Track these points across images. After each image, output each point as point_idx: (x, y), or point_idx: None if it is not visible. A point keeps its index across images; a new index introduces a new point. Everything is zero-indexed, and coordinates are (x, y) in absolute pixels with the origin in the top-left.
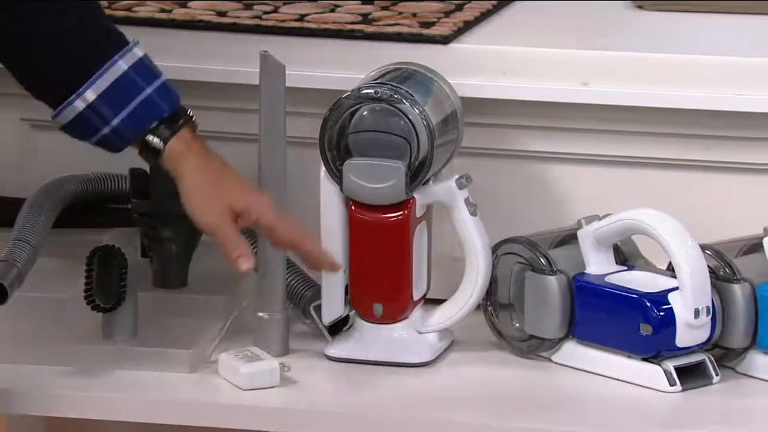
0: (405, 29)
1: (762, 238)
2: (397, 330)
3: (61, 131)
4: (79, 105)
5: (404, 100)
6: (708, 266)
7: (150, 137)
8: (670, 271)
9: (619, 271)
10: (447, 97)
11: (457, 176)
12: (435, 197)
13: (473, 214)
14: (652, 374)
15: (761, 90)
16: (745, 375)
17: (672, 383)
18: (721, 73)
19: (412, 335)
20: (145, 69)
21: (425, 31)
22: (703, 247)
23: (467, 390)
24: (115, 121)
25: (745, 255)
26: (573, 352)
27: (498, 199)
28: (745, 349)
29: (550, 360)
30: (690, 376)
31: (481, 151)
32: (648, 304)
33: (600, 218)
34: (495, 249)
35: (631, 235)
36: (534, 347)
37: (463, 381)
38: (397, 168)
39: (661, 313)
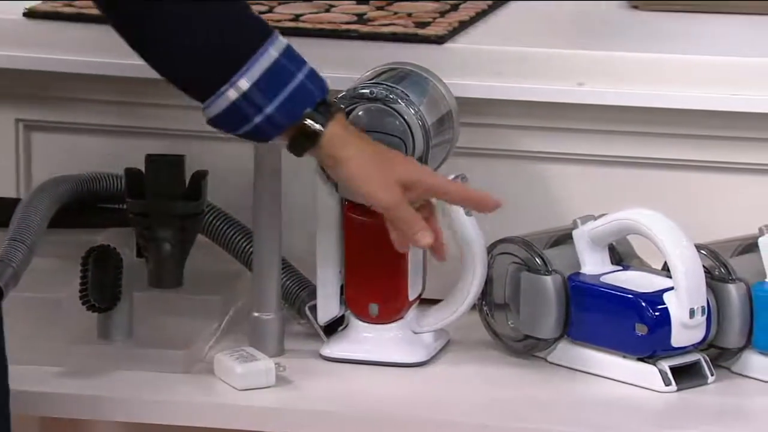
0: (400, 29)
1: (757, 238)
2: (393, 330)
3: (207, 124)
4: (232, 95)
5: (399, 100)
6: (703, 266)
7: (308, 122)
8: (666, 271)
9: (615, 271)
10: (442, 97)
11: (452, 176)
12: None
13: (469, 214)
14: (648, 374)
15: (757, 90)
16: (740, 375)
17: (667, 383)
18: (716, 73)
19: (407, 335)
20: (293, 55)
21: (420, 31)
22: (698, 247)
23: (463, 390)
24: (269, 109)
25: (741, 255)
26: (568, 352)
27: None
28: (741, 349)
29: (545, 360)
30: (685, 376)
31: (476, 151)
32: (643, 304)
33: (595, 218)
34: (490, 249)
35: (627, 235)
36: (529, 347)
37: (459, 381)
38: None
39: (657, 313)
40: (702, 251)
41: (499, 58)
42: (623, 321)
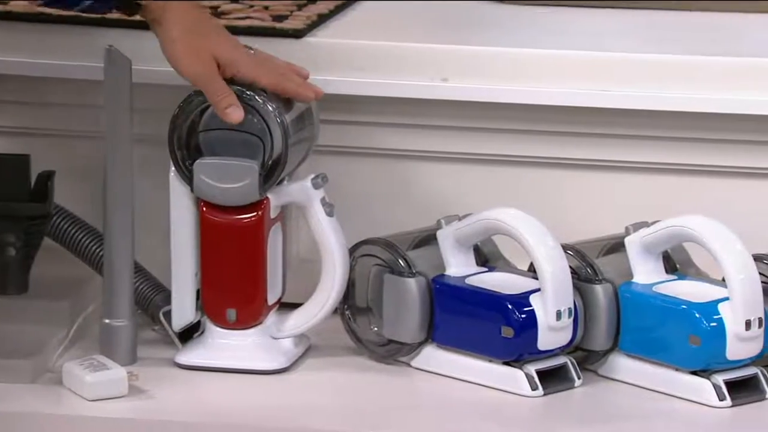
0: (257, 23)
1: (624, 237)
2: (251, 336)
3: (45, 7)
4: None
5: (257, 97)
6: (570, 267)
7: None
8: (532, 272)
9: (480, 273)
10: None
11: (312, 176)
12: (290, 197)
13: (330, 214)
14: (514, 378)
15: (625, 86)
16: (607, 378)
17: (534, 387)
18: (585, 69)
19: (266, 341)
20: None
21: (278, 25)
22: (565, 247)
23: (323, 397)
24: None
25: (607, 255)
26: (433, 356)
27: (355, 199)
28: (607, 352)
29: (409, 365)
30: (552, 379)
31: (337, 149)
32: (509, 306)
33: (460, 218)
34: (352, 251)
35: (492, 235)
36: (393, 352)
37: (319, 388)
38: (250, 167)
39: (523, 316)
40: (568, 251)
41: (360, 52)
42: (489, 324)
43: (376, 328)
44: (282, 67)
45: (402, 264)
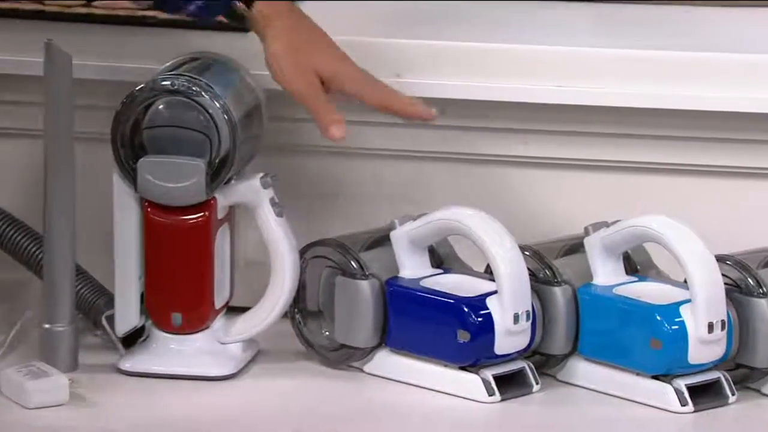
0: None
1: (583, 238)
2: (198, 341)
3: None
4: None
5: (203, 93)
6: (528, 268)
7: (234, 3)
8: (488, 273)
9: (435, 275)
10: (250, 90)
11: (261, 174)
12: (238, 197)
13: (279, 215)
14: (470, 384)
15: (581, 82)
16: (566, 383)
17: (491, 393)
18: (540, 64)
19: (213, 346)
20: None
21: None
22: (523, 248)
23: (272, 404)
24: None
25: (566, 256)
26: (386, 361)
27: (306, 199)
28: (566, 356)
29: (361, 370)
30: (509, 385)
31: (287, 148)
32: (465, 309)
33: (414, 218)
34: (303, 252)
35: (447, 236)
36: (345, 357)
37: (268, 394)
38: (196, 166)
39: (479, 319)
40: (526, 252)
41: None
42: (444, 327)
43: (327, 333)
44: (385, 84)
45: (354, 266)
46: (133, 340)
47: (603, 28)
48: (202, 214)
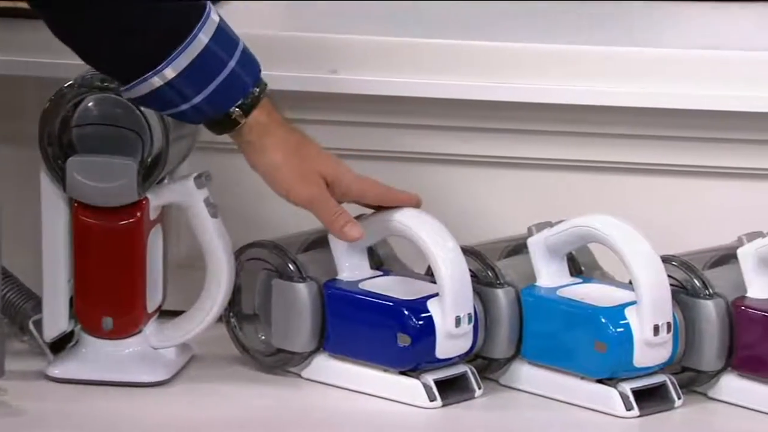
0: None
1: (526, 238)
2: (130, 346)
3: (127, 99)
4: (156, 82)
5: None
6: (470, 270)
7: (232, 109)
8: (429, 275)
9: (375, 277)
10: None
11: (195, 174)
12: (171, 197)
13: (214, 215)
14: (411, 389)
15: (523, 79)
16: (509, 387)
17: (432, 398)
18: (478, 60)
19: (146, 351)
20: (225, 38)
21: None
22: (465, 249)
23: (207, 411)
24: (197, 99)
25: (509, 257)
26: (325, 366)
27: (241, 199)
28: (509, 360)
29: (299, 376)
30: (451, 389)
31: (221, 147)
32: (405, 312)
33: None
34: (238, 254)
35: (388, 236)
36: (282, 362)
37: (203, 401)
38: (127, 165)
39: (420, 322)
40: (468, 254)
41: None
42: (384, 331)
43: (263, 337)
44: (379, 182)
45: (291, 268)
46: (61, 345)
47: (543, 24)
48: (133, 215)
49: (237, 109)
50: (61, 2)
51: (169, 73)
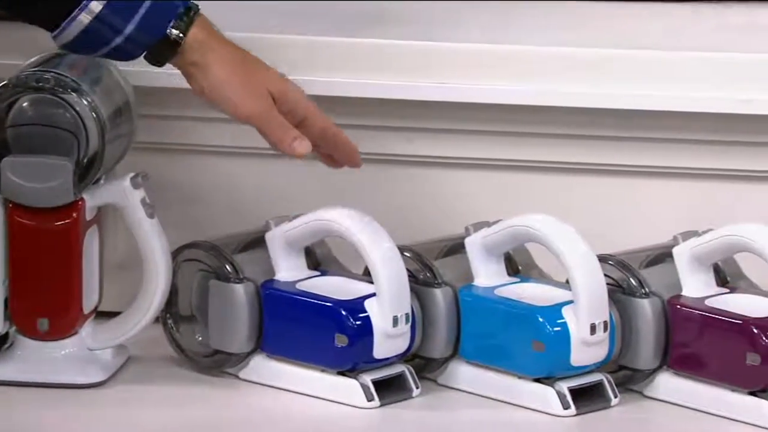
0: None
1: (464, 238)
2: (66, 347)
3: (62, 49)
4: (85, 18)
5: (70, 90)
6: (407, 269)
7: (168, 31)
8: (367, 275)
9: (312, 277)
10: (118, 86)
11: (131, 175)
12: (107, 198)
13: (151, 216)
14: (348, 389)
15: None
16: (446, 386)
17: (369, 399)
18: (419, 60)
19: (82, 353)
20: None
21: None
22: (402, 249)
23: (144, 413)
24: (129, 28)
25: (447, 257)
26: (262, 367)
27: (178, 200)
28: (447, 359)
29: (237, 377)
30: (388, 389)
31: (158, 147)
32: (343, 312)
33: (290, 219)
34: (175, 255)
35: (324, 237)
36: (219, 363)
37: (140, 402)
38: (63, 166)
39: (358, 323)
40: (405, 253)
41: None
42: (321, 331)
43: (200, 338)
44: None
45: (228, 269)
46: None
47: (486, 24)
48: (69, 215)
49: (174, 30)
50: None
51: (95, 5)
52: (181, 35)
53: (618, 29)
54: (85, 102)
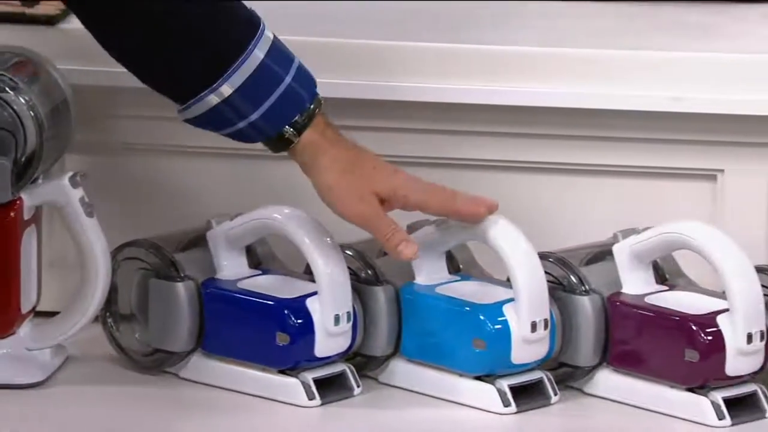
0: (4, 8)
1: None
2: (3, 347)
3: (185, 122)
4: (213, 100)
5: (7, 89)
6: (349, 268)
7: (285, 128)
8: (308, 274)
9: (254, 276)
10: (56, 85)
11: (70, 173)
12: (45, 197)
13: (90, 215)
14: (290, 388)
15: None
16: (388, 385)
17: (311, 397)
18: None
19: (20, 353)
20: (280, 54)
21: (28, 11)
22: (344, 247)
23: (83, 412)
24: (254, 116)
25: (386, 255)
26: (203, 366)
27: (118, 199)
28: (388, 357)
29: (177, 376)
30: (330, 388)
31: (97, 146)
32: (284, 311)
33: (231, 218)
34: (115, 254)
35: (265, 235)
36: (160, 362)
37: (79, 402)
38: (0, 165)
39: (299, 321)
40: (347, 252)
41: None
42: (263, 330)
43: (141, 337)
44: (442, 187)
45: (169, 267)
46: None
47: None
48: (7, 215)
49: (290, 128)
50: (112, 21)
51: (226, 90)
52: (295, 134)
53: (547, 28)
54: (23, 100)
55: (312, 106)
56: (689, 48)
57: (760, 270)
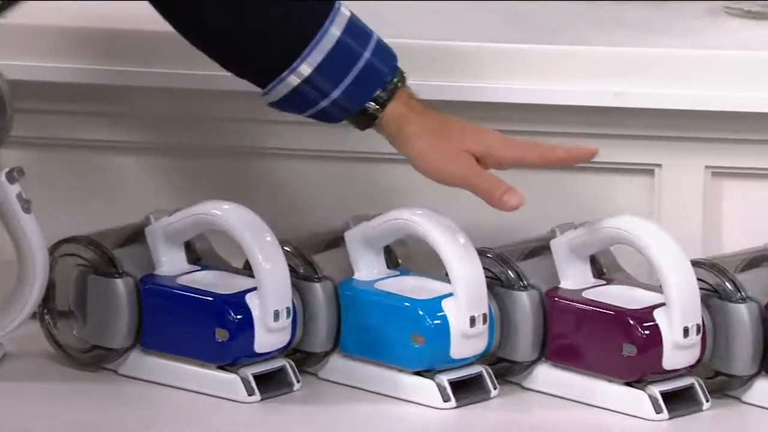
0: None
1: (344, 231)
2: None
3: (271, 107)
4: (294, 81)
5: None
6: (288, 264)
7: (368, 104)
8: (248, 269)
9: (192, 271)
10: None
11: (6, 169)
12: None
13: (27, 211)
14: (229, 384)
15: None
16: (327, 380)
17: (250, 393)
18: None
19: None
20: (357, 30)
21: None
22: (283, 243)
23: (20, 410)
24: (336, 94)
25: (327, 250)
26: (142, 363)
27: (56, 194)
28: (328, 353)
29: (116, 372)
30: (269, 384)
31: (33, 141)
32: (224, 307)
33: (170, 213)
34: (53, 250)
35: (205, 231)
36: (98, 359)
37: (16, 399)
38: None
39: (239, 317)
40: (286, 248)
41: (59, 34)
42: (202, 326)
43: (78, 333)
44: (531, 141)
45: (107, 264)
46: None
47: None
48: None
49: (373, 103)
50: (192, 9)
51: (305, 69)
52: (379, 109)
53: (492, 23)
54: None
55: (395, 80)
56: (629, 43)
57: (696, 264)
